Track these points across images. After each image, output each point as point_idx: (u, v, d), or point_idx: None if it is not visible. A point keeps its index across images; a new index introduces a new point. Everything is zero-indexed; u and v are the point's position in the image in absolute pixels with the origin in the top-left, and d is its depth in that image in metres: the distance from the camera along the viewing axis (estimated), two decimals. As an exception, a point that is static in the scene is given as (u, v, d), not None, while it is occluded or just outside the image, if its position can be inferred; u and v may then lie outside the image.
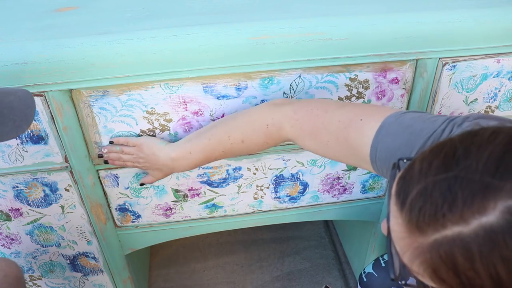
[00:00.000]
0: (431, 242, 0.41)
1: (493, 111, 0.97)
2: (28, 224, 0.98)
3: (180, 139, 0.89)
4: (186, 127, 0.88)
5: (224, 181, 0.99)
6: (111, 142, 0.87)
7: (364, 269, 0.98)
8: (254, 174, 0.99)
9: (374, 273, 0.96)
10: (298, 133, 0.74)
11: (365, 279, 0.96)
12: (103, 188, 0.96)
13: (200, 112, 0.86)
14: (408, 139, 0.62)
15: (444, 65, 0.86)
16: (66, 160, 0.88)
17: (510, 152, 0.39)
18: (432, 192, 0.41)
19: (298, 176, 1.02)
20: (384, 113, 0.66)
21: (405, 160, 0.49)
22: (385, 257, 0.97)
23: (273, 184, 1.02)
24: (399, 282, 0.48)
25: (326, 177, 1.03)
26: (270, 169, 0.99)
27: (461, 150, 0.41)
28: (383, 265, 0.95)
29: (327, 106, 0.73)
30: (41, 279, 1.12)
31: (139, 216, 1.02)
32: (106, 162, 0.89)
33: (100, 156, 0.88)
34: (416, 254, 0.42)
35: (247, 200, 1.04)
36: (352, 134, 0.68)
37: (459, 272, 0.40)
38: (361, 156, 0.67)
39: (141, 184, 0.93)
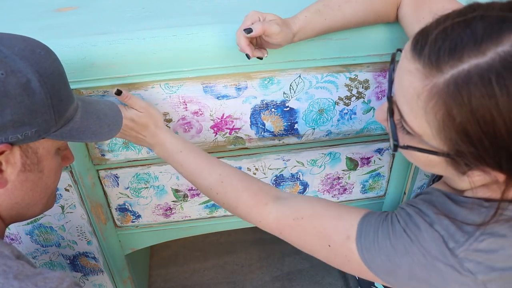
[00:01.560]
0: (448, 78, 0.43)
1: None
2: (28, 224, 0.98)
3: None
4: (186, 127, 0.88)
5: (224, 181, 0.99)
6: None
7: None
8: (254, 174, 0.99)
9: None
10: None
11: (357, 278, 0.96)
12: (103, 188, 0.96)
13: (200, 112, 0.86)
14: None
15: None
16: (66, 160, 0.88)
17: None
18: (451, 31, 0.43)
19: (298, 176, 1.02)
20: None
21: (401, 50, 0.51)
22: None
23: (273, 184, 1.02)
24: (397, 149, 0.51)
25: (326, 177, 1.03)
26: (270, 169, 0.99)
27: (475, 3, 0.45)
28: None
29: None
30: (41, 279, 1.12)
31: (139, 216, 1.02)
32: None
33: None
34: (431, 95, 0.44)
35: (247, 200, 1.04)
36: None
37: (473, 104, 0.42)
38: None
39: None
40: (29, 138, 0.56)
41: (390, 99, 0.52)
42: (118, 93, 0.76)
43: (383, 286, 0.93)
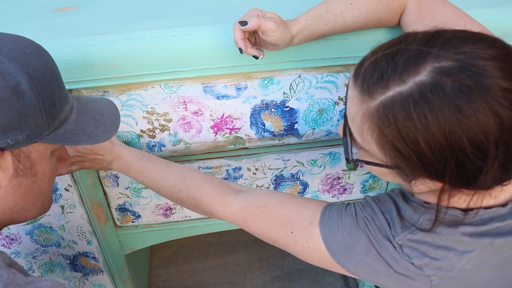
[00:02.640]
0: (377, 104, 0.50)
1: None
2: (28, 224, 0.98)
3: (180, 140, 0.90)
4: (186, 127, 0.88)
5: (224, 181, 0.99)
6: None
7: None
8: (254, 174, 0.99)
9: None
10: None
11: None
12: (103, 188, 0.96)
13: (200, 112, 0.86)
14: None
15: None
16: (66, 160, 0.88)
17: (439, 33, 0.50)
18: (380, 62, 0.51)
19: (298, 176, 1.02)
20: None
21: None
22: None
23: (273, 184, 1.02)
24: (350, 163, 0.60)
25: (326, 177, 1.03)
26: (270, 169, 0.99)
27: (403, 35, 0.52)
28: None
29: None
30: (41, 279, 1.12)
31: (139, 216, 1.02)
32: None
33: None
34: (366, 118, 0.52)
35: (247, 200, 1.04)
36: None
37: (399, 125, 0.48)
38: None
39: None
40: (20, 143, 0.53)
41: (345, 117, 0.58)
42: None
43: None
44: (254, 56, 0.71)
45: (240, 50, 0.69)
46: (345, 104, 0.58)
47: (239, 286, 1.51)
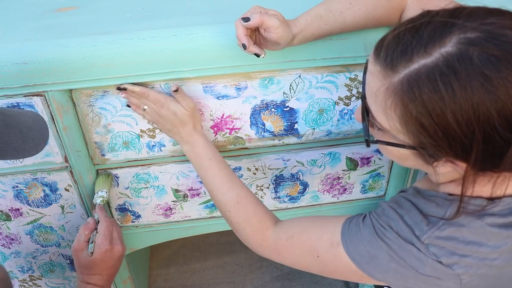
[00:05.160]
0: (401, 77, 0.49)
1: None
2: (28, 224, 0.98)
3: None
4: (186, 127, 0.88)
5: (224, 181, 0.99)
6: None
7: None
8: (254, 174, 0.99)
9: None
10: None
11: None
12: (103, 188, 0.96)
13: (200, 112, 0.86)
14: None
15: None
16: (66, 160, 0.88)
17: (462, 7, 0.50)
18: (403, 35, 0.50)
19: (298, 176, 1.02)
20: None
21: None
22: None
23: (273, 184, 1.02)
24: (369, 145, 0.59)
25: (326, 177, 1.03)
26: (270, 169, 0.99)
27: (425, 11, 0.51)
28: None
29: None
30: (41, 279, 1.12)
31: (139, 216, 1.02)
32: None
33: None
34: (389, 93, 0.50)
35: (247, 200, 1.04)
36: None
37: (424, 98, 0.47)
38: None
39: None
40: None
41: (364, 100, 0.57)
42: (176, 90, 0.78)
43: None
44: (255, 54, 0.70)
45: (244, 46, 0.68)
46: (363, 85, 0.57)
47: (239, 286, 1.51)
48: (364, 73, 0.57)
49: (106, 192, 0.90)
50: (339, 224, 0.67)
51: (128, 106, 0.83)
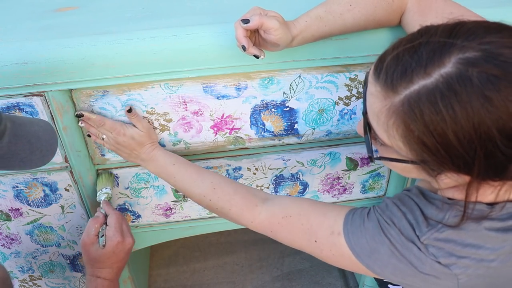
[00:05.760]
0: (402, 98, 0.49)
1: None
2: (28, 224, 0.98)
3: (180, 140, 0.90)
4: (186, 127, 0.88)
5: (224, 181, 0.99)
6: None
7: None
8: (254, 174, 0.99)
9: None
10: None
11: None
12: (103, 188, 0.96)
13: (200, 112, 0.86)
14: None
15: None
16: (66, 160, 0.88)
17: (460, 24, 0.49)
18: (402, 56, 0.50)
19: (298, 176, 1.02)
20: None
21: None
22: None
23: (273, 184, 1.02)
24: (373, 161, 0.59)
25: (326, 177, 1.03)
26: (270, 169, 0.99)
27: (423, 28, 0.52)
28: None
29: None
30: (41, 279, 1.12)
31: (139, 216, 1.02)
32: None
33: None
34: (390, 114, 0.51)
35: (247, 200, 1.04)
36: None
37: (425, 119, 0.48)
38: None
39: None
40: None
41: (365, 115, 0.57)
42: (130, 110, 0.81)
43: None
44: (255, 56, 0.71)
45: (243, 47, 0.68)
46: (364, 101, 0.57)
47: (239, 286, 1.51)
48: (364, 85, 0.57)
49: (110, 189, 0.90)
50: (342, 213, 0.67)
51: (89, 135, 0.86)
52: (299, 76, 0.84)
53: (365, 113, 0.58)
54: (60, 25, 0.82)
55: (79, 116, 0.82)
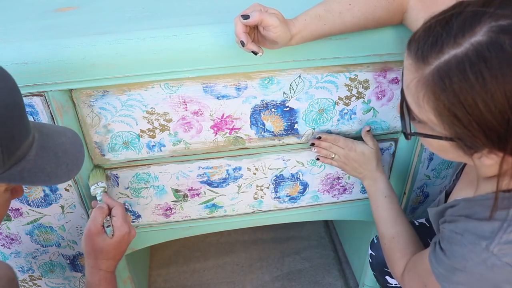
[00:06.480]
0: (432, 69, 0.49)
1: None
2: (28, 224, 0.98)
3: (180, 140, 0.89)
4: (186, 127, 0.88)
5: (224, 181, 0.99)
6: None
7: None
8: (254, 174, 0.99)
9: (372, 252, 1.01)
10: None
11: (370, 260, 1.03)
12: (103, 188, 0.96)
13: (200, 112, 0.86)
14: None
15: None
16: (66, 160, 0.88)
17: None
18: (434, 27, 0.50)
19: (298, 176, 1.02)
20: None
21: None
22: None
23: (273, 184, 1.02)
24: (409, 138, 0.60)
25: (326, 177, 1.03)
26: (270, 169, 0.99)
27: (458, 2, 0.51)
28: (375, 241, 1.01)
29: None
30: (41, 279, 1.12)
31: (139, 216, 1.02)
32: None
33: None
34: (421, 86, 0.51)
35: (247, 200, 1.04)
36: None
37: (454, 88, 0.47)
38: None
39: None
40: None
41: (402, 92, 0.57)
42: (369, 130, 0.92)
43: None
44: (253, 52, 0.70)
45: (242, 43, 0.68)
46: (401, 77, 0.57)
47: (239, 286, 1.51)
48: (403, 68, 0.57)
49: (105, 183, 0.90)
50: (424, 267, 0.70)
51: (318, 159, 0.95)
52: (299, 76, 0.84)
53: (402, 91, 0.57)
54: (60, 25, 0.82)
55: (313, 144, 0.92)
